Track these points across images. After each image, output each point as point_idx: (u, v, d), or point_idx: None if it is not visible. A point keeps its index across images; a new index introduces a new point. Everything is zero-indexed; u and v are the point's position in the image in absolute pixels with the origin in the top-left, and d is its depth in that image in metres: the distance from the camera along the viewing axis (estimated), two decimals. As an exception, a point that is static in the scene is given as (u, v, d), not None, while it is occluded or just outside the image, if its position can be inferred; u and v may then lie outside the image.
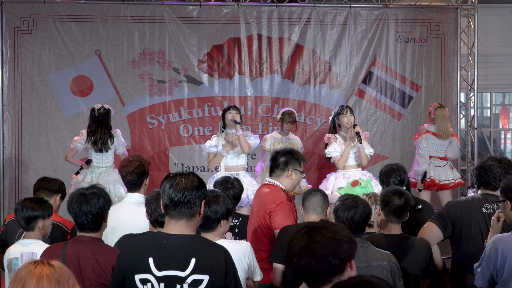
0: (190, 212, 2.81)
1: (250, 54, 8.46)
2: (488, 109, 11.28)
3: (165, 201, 2.82)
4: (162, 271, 2.75)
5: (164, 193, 2.82)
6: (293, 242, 2.23)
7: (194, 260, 2.75)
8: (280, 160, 4.34)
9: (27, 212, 3.85)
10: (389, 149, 8.66)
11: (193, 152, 8.42)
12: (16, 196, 7.94)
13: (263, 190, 4.38)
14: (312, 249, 2.18)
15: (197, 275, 2.75)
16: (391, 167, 4.75)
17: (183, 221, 2.82)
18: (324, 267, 2.19)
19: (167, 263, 2.76)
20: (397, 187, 4.08)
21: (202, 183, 2.86)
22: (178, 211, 2.80)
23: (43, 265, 2.27)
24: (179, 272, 2.74)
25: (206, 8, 8.38)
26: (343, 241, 2.23)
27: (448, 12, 8.75)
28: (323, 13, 8.54)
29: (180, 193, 2.78)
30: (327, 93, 8.61)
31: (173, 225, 2.83)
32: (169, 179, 2.85)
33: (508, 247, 3.29)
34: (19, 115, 8.12)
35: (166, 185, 2.83)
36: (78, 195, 3.39)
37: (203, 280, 2.75)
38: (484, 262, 3.37)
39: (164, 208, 2.85)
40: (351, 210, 3.51)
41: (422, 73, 8.72)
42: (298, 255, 2.19)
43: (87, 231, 3.39)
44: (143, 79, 8.31)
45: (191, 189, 2.80)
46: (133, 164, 4.65)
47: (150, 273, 2.75)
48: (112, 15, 8.23)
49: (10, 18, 8.07)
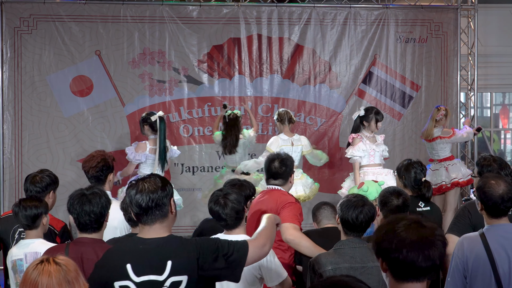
0: (161, 214, 2.80)
1: (250, 54, 8.46)
2: (488, 109, 11.28)
3: (135, 210, 2.81)
4: (141, 276, 2.73)
5: (131, 202, 2.81)
6: (401, 233, 2.24)
7: (170, 263, 2.73)
8: (284, 169, 4.36)
9: (32, 210, 3.90)
10: (389, 149, 8.58)
11: (193, 152, 8.42)
12: (16, 196, 7.94)
13: (270, 194, 4.35)
14: (425, 246, 2.21)
15: (175, 277, 2.73)
16: (408, 161, 4.80)
17: (156, 225, 2.81)
18: (428, 265, 2.22)
19: (144, 268, 2.74)
20: (395, 187, 4.10)
21: (165, 182, 2.84)
22: (150, 216, 2.79)
23: (49, 264, 2.28)
24: (157, 276, 2.73)
25: (206, 8, 8.38)
26: (443, 244, 2.28)
27: (448, 12, 8.75)
28: (323, 13, 8.54)
29: (146, 198, 2.77)
30: (327, 93, 8.61)
31: (147, 230, 2.82)
32: (132, 187, 2.83)
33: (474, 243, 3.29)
34: (19, 115, 8.12)
35: (130, 193, 2.81)
36: (79, 195, 3.39)
37: (181, 281, 2.74)
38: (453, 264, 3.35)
39: (136, 216, 2.84)
40: (356, 209, 3.52)
41: (422, 73, 8.72)
42: (409, 247, 2.21)
43: (89, 232, 3.39)
44: (143, 79, 8.32)
45: (156, 191, 2.78)
46: (96, 159, 4.72)
47: (129, 279, 2.73)
48: (112, 15, 8.23)
49: (10, 18, 8.07)
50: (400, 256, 2.21)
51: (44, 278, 2.26)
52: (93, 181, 4.64)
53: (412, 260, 2.20)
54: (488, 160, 4.57)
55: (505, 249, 3.27)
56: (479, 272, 3.26)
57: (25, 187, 4.53)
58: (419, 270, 2.22)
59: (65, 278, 2.27)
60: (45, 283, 2.25)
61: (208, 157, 8.43)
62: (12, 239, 4.39)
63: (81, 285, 2.32)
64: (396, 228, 2.26)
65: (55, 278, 2.26)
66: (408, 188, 4.64)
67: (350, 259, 3.40)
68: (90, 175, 4.71)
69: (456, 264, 3.32)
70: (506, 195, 3.34)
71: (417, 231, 2.24)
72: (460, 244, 3.34)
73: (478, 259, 3.27)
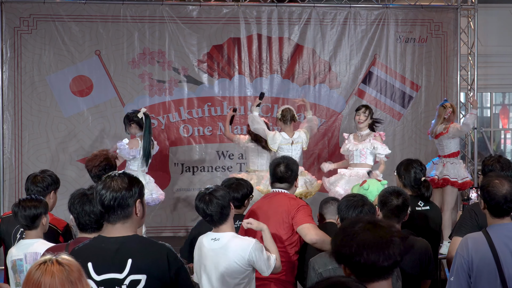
0: (123, 213, 2.77)
1: (250, 54, 8.46)
2: (488, 109, 11.28)
3: (98, 210, 2.83)
4: (101, 275, 2.73)
5: (96, 199, 2.80)
6: (358, 236, 2.26)
7: (130, 261, 2.73)
8: (289, 173, 4.37)
9: (31, 211, 3.89)
10: (389, 149, 8.64)
11: (193, 152, 8.42)
12: (16, 196, 7.94)
13: (279, 197, 4.35)
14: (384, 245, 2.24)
15: (134, 276, 2.73)
16: (408, 160, 4.80)
17: (118, 224, 2.79)
18: (389, 264, 2.25)
19: (105, 267, 2.74)
20: (394, 187, 4.09)
21: (132, 183, 2.79)
22: (112, 216, 2.78)
23: (52, 264, 2.29)
24: (117, 274, 2.73)
25: (206, 8, 8.38)
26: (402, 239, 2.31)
27: (448, 12, 8.75)
28: (323, 13, 8.55)
29: (109, 196, 2.75)
30: (327, 93, 8.61)
31: (110, 228, 2.80)
32: (99, 183, 2.81)
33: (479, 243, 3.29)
34: (19, 115, 8.13)
35: (97, 189, 2.79)
36: (80, 195, 3.39)
37: (140, 280, 2.73)
38: (457, 264, 3.34)
39: (100, 214, 2.84)
40: (356, 209, 3.51)
41: (422, 73, 8.72)
42: (368, 250, 2.23)
43: (89, 232, 3.39)
44: (143, 79, 8.32)
45: (119, 191, 2.75)
46: (98, 158, 4.86)
47: (90, 278, 2.72)
48: (112, 15, 8.23)
49: (10, 18, 8.07)
50: (362, 260, 2.23)
51: (47, 278, 2.25)
52: (95, 180, 4.69)
53: (373, 261, 2.23)
54: (492, 160, 4.58)
55: (510, 249, 3.26)
56: (484, 272, 3.26)
57: (26, 186, 4.54)
58: (381, 269, 2.25)
59: (68, 279, 2.27)
60: (48, 283, 2.25)
61: (208, 157, 8.43)
62: (14, 239, 4.39)
63: (84, 286, 2.32)
64: (353, 232, 2.28)
65: (58, 278, 2.26)
66: (407, 187, 4.64)
67: None
68: (93, 174, 4.77)
69: (460, 263, 3.31)
70: (509, 195, 3.33)
71: (374, 232, 2.26)
72: (465, 244, 3.33)
73: (483, 259, 3.26)
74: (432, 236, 4.30)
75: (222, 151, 8.43)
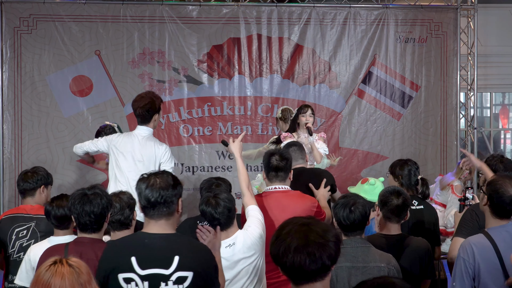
0: (168, 211, 2.88)
1: (250, 54, 8.46)
2: (488, 109, 11.28)
3: (143, 203, 2.88)
4: (146, 269, 2.79)
5: (140, 194, 2.88)
6: (287, 239, 2.24)
7: (177, 258, 2.79)
8: (284, 163, 4.28)
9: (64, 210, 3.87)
10: (388, 149, 8.66)
11: (192, 152, 8.42)
12: (16, 196, 7.93)
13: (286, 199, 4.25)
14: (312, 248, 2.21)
15: (181, 272, 2.79)
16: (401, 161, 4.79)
17: (162, 221, 2.88)
18: (317, 267, 2.22)
19: (150, 262, 2.80)
20: (394, 187, 4.09)
21: (176, 181, 2.92)
22: (157, 212, 2.86)
23: (62, 266, 2.28)
24: (163, 270, 2.78)
25: (206, 8, 8.38)
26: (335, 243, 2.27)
27: (447, 12, 8.75)
28: (322, 13, 8.55)
29: (156, 194, 2.84)
30: (327, 93, 8.61)
31: (153, 224, 2.88)
32: (143, 180, 2.90)
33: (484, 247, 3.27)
34: (19, 115, 8.12)
35: (141, 186, 2.88)
36: (80, 195, 3.39)
37: (187, 277, 2.79)
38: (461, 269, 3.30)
39: (142, 209, 2.91)
40: (347, 208, 3.51)
41: (421, 73, 8.72)
42: (294, 252, 2.21)
43: (88, 232, 3.39)
44: (143, 79, 8.32)
45: (167, 189, 2.86)
46: (144, 100, 5.33)
47: (133, 272, 2.78)
48: (112, 15, 8.23)
49: (10, 18, 8.07)
50: (288, 262, 2.22)
51: (57, 279, 2.24)
52: (139, 120, 5.32)
53: (300, 264, 2.20)
54: (495, 160, 4.57)
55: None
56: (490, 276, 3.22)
57: (18, 184, 4.60)
58: (309, 273, 2.22)
59: (77, 281, 2.27)
60: (58, 285, 2.24)
61: (208, 157, 8.43)
62: (10, 240, 4.39)
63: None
64: (284, 233, 2.27)
65: (68, 280, 2.25)
66: (404, 187, 4.60)
67: (352, 259, 3.40)
68: (137, 114, 5.35)
69: (465, 268, 3.26)
70: None
71: (303, 235, 2.23)
72: (468, 248, 3.28)
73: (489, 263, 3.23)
74: (426, 236, 4.29)
75: (222, 151, 8.42)
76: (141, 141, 5.45)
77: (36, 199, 4.60)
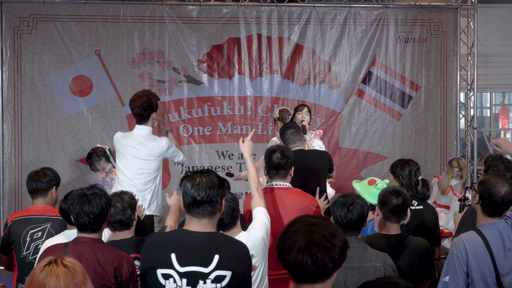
0: (212, 210, 2.91)
1: (250, 54, 8.46)
2: (487, 109, 11.28)
3: (188, 200, 2.91)
4: (185, 267, 2.83)
5: (186, 192, 2.91)
6: (293, 237, 2.23)
7: (217, 257, 2.83)
8: (285, 160, 4.25)
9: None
10: (388, 149, 8.66)
11: (192, 152, 8.42)
12: (16, 196, 7.94)
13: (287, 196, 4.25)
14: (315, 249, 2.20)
15: (220, 271, 2.83)
16: (402, 160, 4.77)
17: (205, 219, 2.91)
18: (318, 268, 2.20)
19: (189, 259, 2.83)
20: (394, 187, 4.08)
21: (222, 182, 2.95)
22: (201, 210, 2.90)
23: (57, 266, 2.27)
24: (202, 268, 2.83)
25: (205, 8, 8.38)
26: (341, 248, 2.26)
27: (447, 12, 8.75)
28: (322, 13, 8.55)
29: (202, 192, 2.87)
30: (327, 93, 8.61)
31: (196, 223, 2.91)
32: (189, 178, 2.93)
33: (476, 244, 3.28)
34: (19, 115, 8.12)
35: (187, 184, 2.91)
36: (80, 195, 3.37)
37: (225, 276, 2.83)
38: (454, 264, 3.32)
39: (186, 206, 2.94)
40: (345, 208, 3.51)
41: (421, 73, 8.72)
42: (297, 251, 2.20)
43: (87, 232, 3.37)
44: (143, 79, 8.32)
45: (213, 188, 2.89)
46: (140, 99, 5.36)
47: (172, 268, 2.83)
48: (112, 15, 8.23)
49: (10, 18, 8.07)
50: (290, 260, 2.21)
51: (52, 280, 2.23)
52: (137, 118, 5.40)
53: (301, 263, 2.19)
54: (496, 160, 4.57)
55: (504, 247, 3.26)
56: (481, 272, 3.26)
57: (29, 188, 4.53)
58: (309, 273, 2.21)
59: (72, 281, 2.25)
60: (52, 285, 2.23)
61: (208, 157, 8.43)
62: (24, 242, 4.38)
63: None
64: (291, 230, 2.25)
65: (63, 280, 2.24)
66: (404, 187, 4.60)
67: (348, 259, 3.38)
68: (134, 113, 5.38)
69: (458, 264, 3.28)
70: (507, 197, 3.32)
71: (309, 234, 2.21)
72: (461, 245, 3.31)
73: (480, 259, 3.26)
74: (426, 236, 4.30)
75: (222, 151, 8.43)
76: (141, 140, 5.48)
77: (48, 200, 4.58)
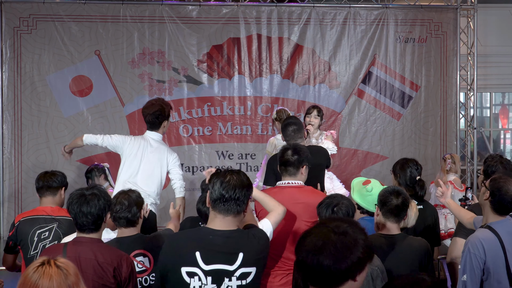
0: (238, 209, 2.93)
1: (250, 54, 8.46)
2: (487, 109, 11.28)
3: (215, 196, 2.92)
4: (210, 265, 2.85)
5: (214, 188, 2.93)
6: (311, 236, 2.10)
7: (242, 255, 2.87)
8: (295, 157, 4.17)
9: None
10: (388, 149, 8.67)
11: (192, 152, 8.42)
12: (16, 196, 7.94)
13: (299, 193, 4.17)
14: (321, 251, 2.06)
15: (245, 268, 2.87)
16: (404, 160, 4.77)
17: (229, 217, 2.93)
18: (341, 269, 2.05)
19: (214, 258, 2.86)
20: (394, 187, 4.08)
21: (250, 182, 2.99)
22: (227, 207, 2.91)
23: (50, 267, 2.26)
24: (227, 266, 2.85)
25: (205, 8, 8.38)
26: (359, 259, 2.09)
27: (447, 12, 8.75)
28: (322, 13, 8.55)
29: (231, 190, 2.90)
30: (327, 93, 8.61)
31: (220, 220, 2.93)
32: (219, 175, 2.97)
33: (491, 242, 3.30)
34: (19, 115, 8.13)
35: (216, 181, 2.94)
36: (79, 196, 3.38)
37: (251, 273, 2.88)
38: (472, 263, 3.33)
39: (213, 202, 2.95)
40: (330, 208, 3.52)
41: (421, 73, 8.72)
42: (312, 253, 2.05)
43: (86, 232, 3.38)
44: (143, 79, 8.32)
45: (242, 188, 2.92)
46: (153, 108, 5.44)
47: (197, 266, 2.85)
48: (112, 15, 8.23)
49: (10, 18, 8.07)
50: (299, 257, 2.08)
51: (45, 281, 2.22)
52: (148, 126, 5.47)
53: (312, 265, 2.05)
54: (495, 160, 4.58)
55: None
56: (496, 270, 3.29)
57: (41, 184, 4.53)
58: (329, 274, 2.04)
59: (65, 282, 2.24)
60: (45, 286, 2.22)
61: (207, 157, 8.44)
62: (31, 242, 4.38)
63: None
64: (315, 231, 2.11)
65: (56, 281, 2.23)
66: (402, 186, 4.60)
67: None
68: (147, 120, 5.45)
69: (476, 263, 3.32)
70: None
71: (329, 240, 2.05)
72: (478, 243, 3.32)
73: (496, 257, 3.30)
74: (426, 236, 4.29)
75: (222, 151, 8.43)
76: (154, 144, 5.48)
77: (56, 200, 4.58)
